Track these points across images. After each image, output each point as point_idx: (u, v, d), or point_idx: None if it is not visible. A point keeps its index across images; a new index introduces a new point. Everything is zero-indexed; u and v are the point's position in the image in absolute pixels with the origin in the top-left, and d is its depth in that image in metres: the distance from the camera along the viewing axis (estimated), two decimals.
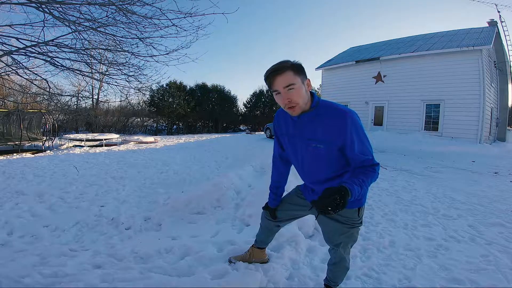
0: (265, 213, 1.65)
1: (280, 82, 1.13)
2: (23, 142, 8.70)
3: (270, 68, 1.15)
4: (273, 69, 1.13)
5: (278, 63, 1.15)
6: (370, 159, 1.16)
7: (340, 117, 1.14)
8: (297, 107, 1.16)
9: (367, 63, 12.21)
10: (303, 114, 1.21)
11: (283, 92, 1.13)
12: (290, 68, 1.13)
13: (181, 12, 2.81)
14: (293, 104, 1.15)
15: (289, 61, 1.15)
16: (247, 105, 26.60)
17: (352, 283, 1.78)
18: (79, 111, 15.39)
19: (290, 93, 1.13)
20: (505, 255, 2.13)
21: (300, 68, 1.16)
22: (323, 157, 1.22)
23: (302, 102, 1.16)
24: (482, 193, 3.98)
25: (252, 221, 2.61)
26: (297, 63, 1.16)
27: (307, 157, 1.28)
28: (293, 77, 1.12)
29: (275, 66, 1.14)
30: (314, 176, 1.33)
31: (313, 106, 1.20)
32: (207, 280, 1.63)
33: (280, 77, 1.12)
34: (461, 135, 9.51)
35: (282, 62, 1.15)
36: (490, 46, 9.15)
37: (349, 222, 1.32)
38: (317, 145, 1.20)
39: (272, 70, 1.13)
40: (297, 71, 1.14)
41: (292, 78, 1.12)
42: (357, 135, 1.14)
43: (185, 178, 4.92)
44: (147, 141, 11.61)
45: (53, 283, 1.58)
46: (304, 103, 1.17)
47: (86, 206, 3.31)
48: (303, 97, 1.16)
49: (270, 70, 1.14)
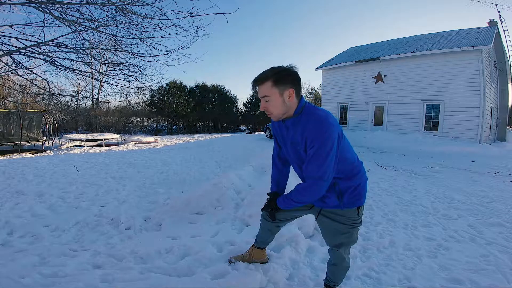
0: (264, 214, 1.65)
1: (259, 91, 1.22)
2: (23, 142, 8.71)
3: (256, 77, 1.23)
4: (254, 79, 1.23)
5: (261, 73, 1.22)
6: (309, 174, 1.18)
7: (318, 128, 1.14)
8: (273, 115, 1.25)
9: (367, 63, 12.20)
10: (287, 119, 1.26)
11: (261, 100, 1.23)
12: (270, 79, 1.18)
13: (181, 12, 2.81)
14: (268, 113, 1.25)
15: (273, 69, 1.19)
16: (247, 105, 26.62)
17: (352, 283, 1.78)
18: (79, 111, 15.37)
19: (266, 103, 1.22)
20: (505, 255, 2.13)
21: (282, 78, 1.18)
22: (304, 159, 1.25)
23: (277, 112, 1.22)
24: (482, 193, 3.98)
25: (252, 221, 2.61)
26: (281, 72, 1.18)
27: (294, 158, 1.34)
28: (269, 89, 1.18)
29: (257, 76, 1.22)
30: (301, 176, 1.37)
31: (296, 113, 1.24)
32: (207, 280, 1.63)
33: (260, 87, 1.22)
34: (461, 135, 9.50)
35: (264, 72, 1.21)
36: (490, 46, 9.14)
37: (349, 222, 1.32)
38: (298, 148, 1.25)
39: (253, 80, 1.23)
40: (277, 82, 1.17)
41: (267, 90, 1.19)
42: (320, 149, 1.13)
43: (185, 178, 4.92)
44: (147, 141, 11.61)
45: (53, 283, 1.58)
46: (280, 113, 1.23)
47: (86, 206, 3.31)
48: (278, 108, 1.21)
49: (254, 79, 1.23)
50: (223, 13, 2.78)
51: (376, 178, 4.89)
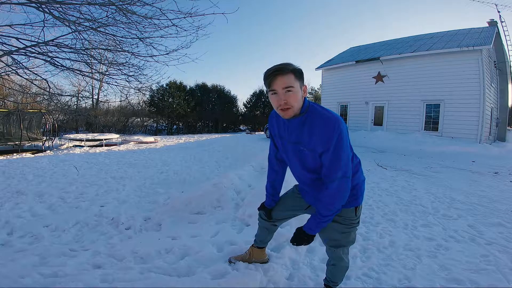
0: (261, 213, 1.66)
1: (280, 82, 1.14)
2: (23, 142, 8.71)
3: (273, 67, 1.16)
4: (276, 69, 1.14)
5: (281, 64, 1.16)
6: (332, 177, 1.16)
7: (327, 128, 1.14)
8: (291, 110, 1.17)
9: (367, 63, 12.20)
10: (292, 118, 1.23)
11: (281, 93, 1.15)
12: (292, 71, 1.15)
13: (181, 12, 2.81)
14: (288, 106, 1.16)
15: (291, 64, 1.17)
16: (247, 105, 26.62)
17: (352, 283, 1.78)
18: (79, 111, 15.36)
19: (287, 95, 1.15)
20: (505, 255, 2.13)
21: (301, 73, 1.18)
22: (308, 161, 1.25)
23: (296, 106, 1.18)
24: (482, 193, 3.98)
25: (252, 221, 2.61)
26: (298, 68, 1.18)
27: (294, 159, 1.31)
28: (294, 80, 1.15)
29: (278, 66, 1.15)
30: (302, 177, 1.36)
31: (302, 111, 1.22)
32: (207, 280, 1.63)
33: (281, 78, 1.13)
34: (461, 135, 9.50)
35: (285, 63, 1.17)
36: (490, 46, 9.14)
37: (347, 222, 1.33)
38: (303, 148, 1.23)
39: (275, 70, 1.14)
40: (298, 75, 1.16)
41: (292, 81, 1.14)
42: (336, 149, 1.14)
43: (185, 178, 4.92)
44: (147, 141, 11.61)
45: (53, 283, 1.58)
46: (298, 107, 1.19)
47: (86, 206, 3.31)
48: (298, 101, 1.18)
49: (273, 69, 1.15)
50: (223, 13, 2.78)
51: (376, 178, 4.89)
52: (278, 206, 1.60)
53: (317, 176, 1.27)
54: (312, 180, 1.31)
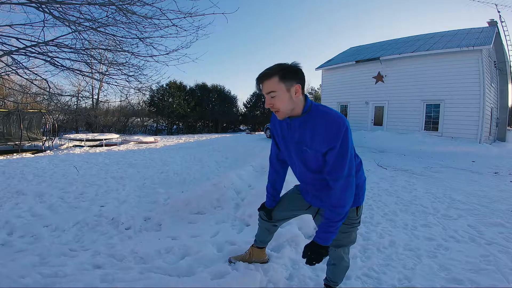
0: (261, 213, 1.66)
1: (264, 87, 1.18)
2: (23, 142, 8.71)
3: (260, 73, 1.19)
4: (260, 75, 1.19)
5: (267, 69, 1.19)
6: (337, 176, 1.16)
7: (333, 126, 1.13)
8: (280, 112, 1.20)
9: (367, 63, 12.19)
10: (295, 118, 1.23)
11: (267, 97, 1.19)
12: (277, 74, 1.15)
13: (181, 12, 2.81)
14: (275, 109, 1.20)
15: (280, 65, 1.17)
16: (247, 105, 26.63)
17: (352, 283, 1.78)
18: (79, 111, 15.38)
19: (272, 99, 1.17)
20: (505, 255, 2.13)
21: (289, 74, 1.15)
22: (311, 160, 1.25)
23: (284, 108, 1.19)
24: (482, 193, 3.98)
25: (252, 221, 2.61)
26: (287, 68, 1.16)
27: (297, 159, 1.31)
28: (276, 84, 1.15)
29: (263, 71, 1.19)
30: (304, 176, 1.36)
31: (304, 111, 1.21)
32: (207, 280, 1.63)
33: (266, 82, 1.17)
34: (461, 135, 9.50)
35: (271, 67, 1.18)
36: (490, 46, 9.13)
37: (347, 222, 1.32)
38: (305, 148, 1.23)
39: (259, 75, 1.19)
40: (284, 77, 1.15)
41: (274, 86, 1.15)
42: (342, 147, 1.14)
43: (185, 178, 4.92)
44: (147, 141, 11.61)
45: (53, 283, 1.58)
46: (287, 109, 1.19)
47: (86, 206, 3.31)
48: (285, 104, 1.18)
49: (259, 75, 1.19)
50: (223, 13, 2.79)
51: (376, 178, 4.89)
52: (279, 206, 1.59)
53: (319, 176, 1.27)
54: (314, 180, 1.31)
